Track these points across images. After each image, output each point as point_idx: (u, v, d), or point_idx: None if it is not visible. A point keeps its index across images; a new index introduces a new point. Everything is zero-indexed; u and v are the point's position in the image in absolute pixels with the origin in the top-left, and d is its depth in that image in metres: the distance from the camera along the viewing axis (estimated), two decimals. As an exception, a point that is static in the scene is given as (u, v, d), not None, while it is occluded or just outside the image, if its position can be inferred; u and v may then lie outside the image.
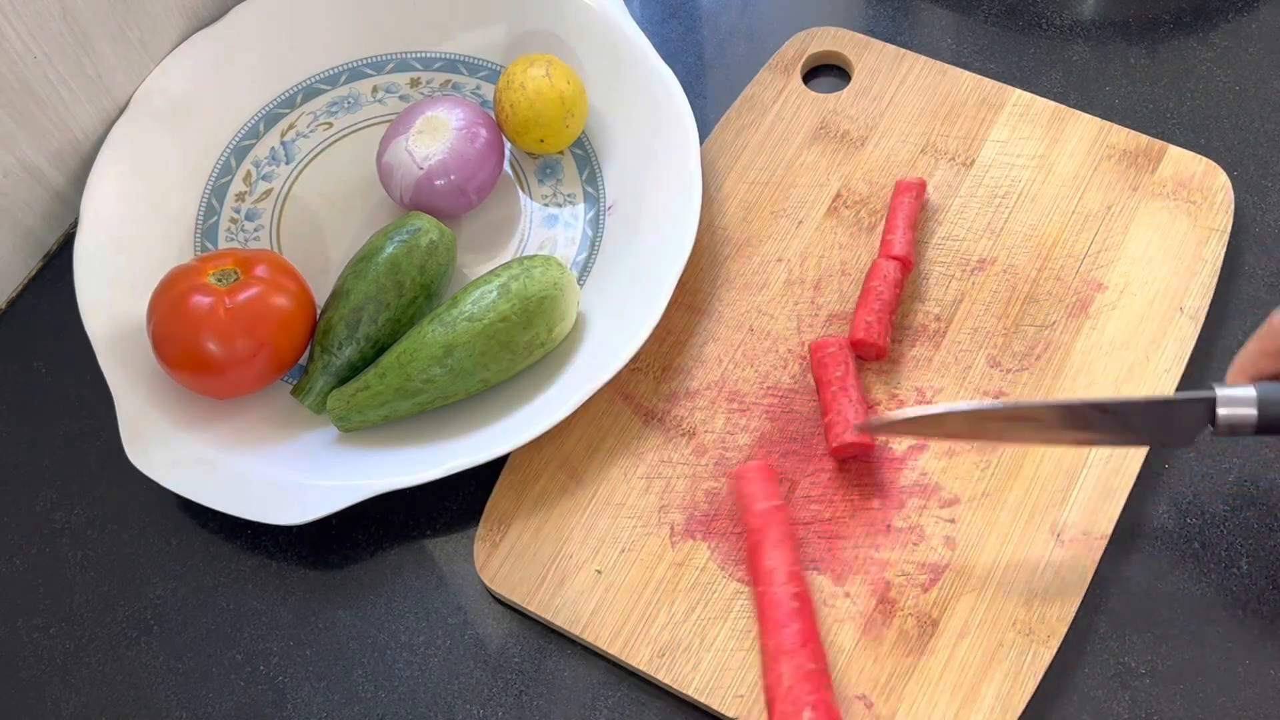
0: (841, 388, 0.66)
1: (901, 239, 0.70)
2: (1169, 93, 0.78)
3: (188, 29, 0.79)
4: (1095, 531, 0.63)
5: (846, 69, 0.79)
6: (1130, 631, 0.62)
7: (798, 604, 0.60)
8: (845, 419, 0.65)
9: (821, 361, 0.67)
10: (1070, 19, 0.82)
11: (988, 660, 0.60)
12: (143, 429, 0.68)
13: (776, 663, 0.59)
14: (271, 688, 0.64)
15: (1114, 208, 0.72)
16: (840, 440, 0.65)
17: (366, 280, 0.69)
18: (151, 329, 0.67)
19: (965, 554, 0.63)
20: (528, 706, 0.62)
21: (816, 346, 0.68)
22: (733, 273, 0.73)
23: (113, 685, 0.65)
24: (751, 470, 0.64)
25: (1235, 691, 0.60)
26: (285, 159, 0.79)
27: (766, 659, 0.60)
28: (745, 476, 0.64)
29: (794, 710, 0.58)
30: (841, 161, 0.75)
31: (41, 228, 0.78)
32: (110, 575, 0.68)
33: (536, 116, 0.74)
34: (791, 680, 0.58)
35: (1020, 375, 0.68)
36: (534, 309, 0.67)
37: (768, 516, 0.62)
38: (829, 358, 0.67)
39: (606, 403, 0.69)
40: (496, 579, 0.65)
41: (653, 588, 0.64)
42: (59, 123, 0.75)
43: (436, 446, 0.67)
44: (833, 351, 0.67)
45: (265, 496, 0.66)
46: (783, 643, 0.59)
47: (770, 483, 0.63)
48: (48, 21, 0.71)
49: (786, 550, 0.61)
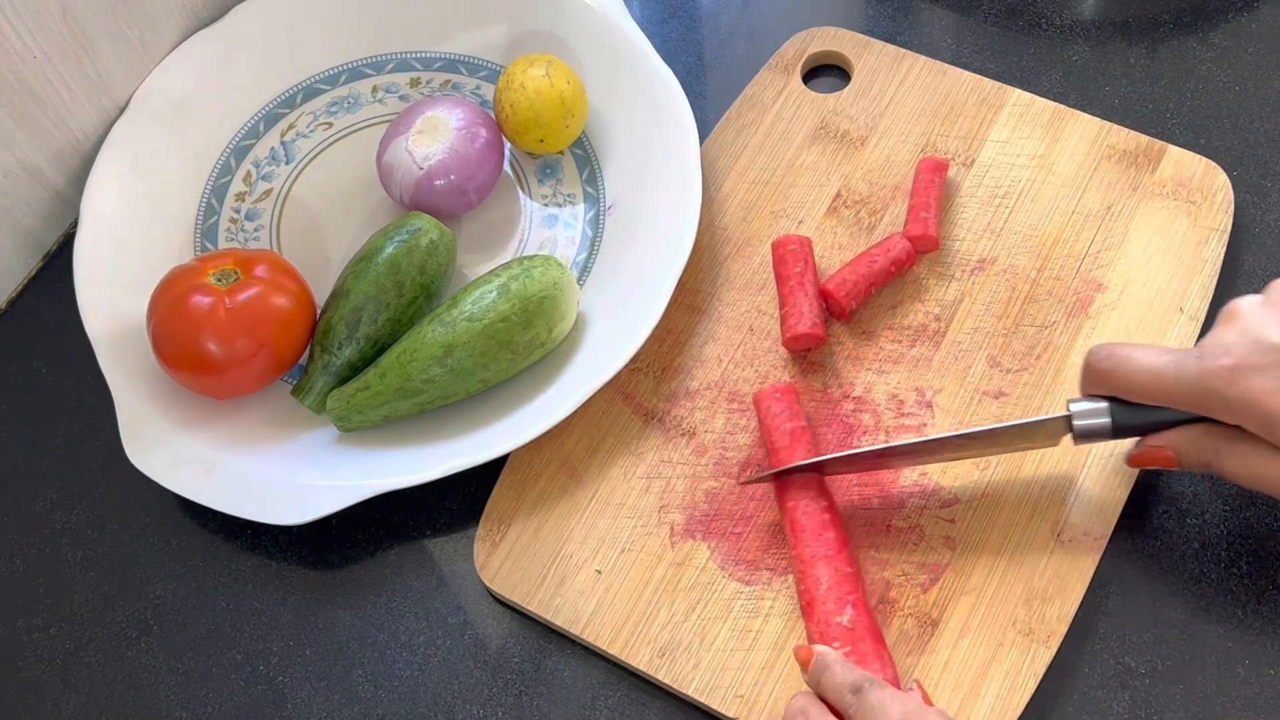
0: (799, 283, 0.69)
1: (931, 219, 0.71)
2: (1169, 93, 0.78)
3: (188, 29, 0.79)
4: (1095, 531, 0.63)
5: (846, 69, 0.79)
6: (1130, 631, 0.62)
7: (829, 515, 0.62)
8: (800, 312, 0.68)
9: (782, 258, 0.71)
10: (1070, 19, 0.82)
11: (988, 660, 0.60)
12: (143, 429, 0.68)
13: (813, 568, 0.61)
14: (271, 688, 0.64)
15: (1114, 208, 0.72)
16: (795, 332, 0.68)
17: (366, 280, 0.69)
18: (151, 329, 0.67)
19: (965, 554, 0.63)
20: (528, 706, 0.62)
21: (778, 244, 0.71)
22: (733, 273, 0.73)
23: (113, 685, 0.65)
24: (775, 391, 0.66)
25: (1235, 691, 0.60)
26: (285, 159, 0.79)
27: (801, 566, 0.61)
28: (769, 396, 0.66)
29: (836, 608, 0.59)
30: (841, 161, 0.75)
31: (41, 228, 0.78)
32: (110, 575, 0.68)
33: (536, 116, 0.74)
34: (830, 582, 0.60)
35: (1020, 375, 0.68)
36: (534, 309, 0.67)
37: (794, 436, 0.64)
38: (790, 254, 0.70)
39: (606, 403, 0.69)
40: (496, 579, 0.65)
41: (653, 588, 0.64)
42: (59, 123, 0.75)
43: (436, 446, 0.67)
44: (794, 249, 0.71)
45: (265, 496, 0.66)
46: (819, 549, 0.61)
47: (795, 403, 0.65)
48: (48, 21, 0.71)
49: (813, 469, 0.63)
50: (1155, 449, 0.59)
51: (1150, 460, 0.59)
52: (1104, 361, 0.59)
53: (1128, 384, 0.58)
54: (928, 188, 0.72)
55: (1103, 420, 0.59)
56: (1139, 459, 0.60)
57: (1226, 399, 0.55)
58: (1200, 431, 0.57)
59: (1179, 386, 0.56)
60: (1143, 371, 0.57)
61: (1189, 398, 0.56)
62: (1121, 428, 0.59)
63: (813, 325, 0.68)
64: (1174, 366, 0.56)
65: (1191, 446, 0.58)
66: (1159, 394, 0.57)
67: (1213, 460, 0.57)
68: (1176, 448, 0.58)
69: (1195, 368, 0.56)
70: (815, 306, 0.69)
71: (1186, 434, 0.58)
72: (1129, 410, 0.59)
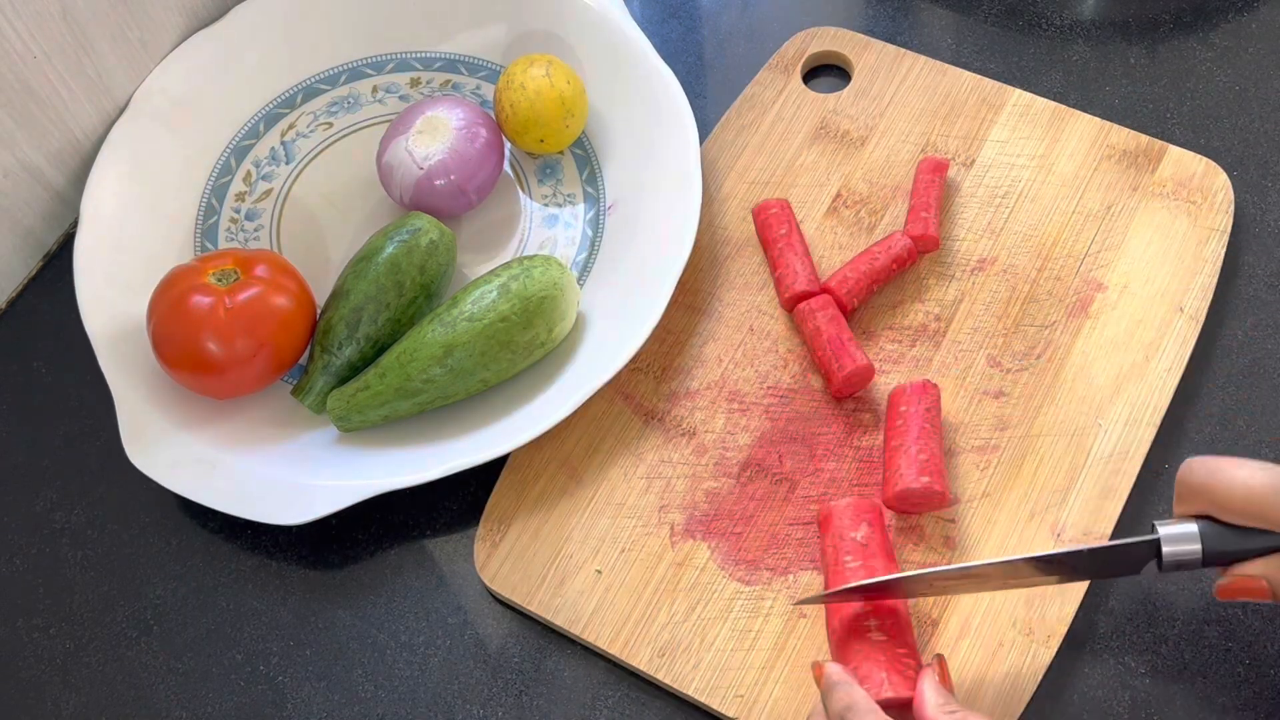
0: (787, 244, 0.70)
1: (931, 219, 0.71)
2: (1169, 93, 0.78)
3: (188, 29, 0.79)
4: (1095, 531, 0.63)
5: (846, 69, 0.79)
6: (1130, 631, 0.62)
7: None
8: (794, 271, 0.69)
9: (765, 223, 0.71)
10: (1070, 19, 0.82)
11: (988, 660, 0.60)
12: (143, 429, 0.68)
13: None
14: (271, 688, 0.64)
15: (1114, 208, 0.72)
16: (792, 291, 0.69)
17: (366, 280, 0.69)
18: (151, 329, 0.67)
19: (965, 554, 0.63)
20: (528, 706, 0.62)
21: (759, 210, 0.72)
22: (733, 273, 0.73)
23: (113, 685, 0.65)
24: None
25: (1235, 691, 0.60)
26: (285, 159, 0.79)
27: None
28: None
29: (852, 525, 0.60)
30: (841, 161, 0.75)
31: (41, 228, 0.78)
32: (110, 575, 0.68)
33: (536, 116, 0.74)
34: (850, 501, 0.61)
35: (1020, 375, 0.68)
36: (534, 309, 0.67)
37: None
38: (772, 218, 0.71)
39: (606, 403, 0.69)
40: (496, 579, 0.65)
41: (653, 588, 0.64)
42: (59, 123, 0.75)
43: (436, 446, 0.67)
44: (775, 212, 0.71)
45: (265, 496, 0.66)
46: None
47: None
48: (48, 21, 0.71)
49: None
50: (1246, 578, 0.54)
51: (1240, 591, 0.54)
52: (1197, 475, 0.54)
53: (1223, 500, 0.53)
54: (928, 187, 0.72)
55: (1193, 546, 0.54)
56: (1229, 590, 0.55)
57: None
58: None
59: (1277, 505, 0.52)
60: (1239, 487, 0.53)
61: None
62: (1213, 555, 0.54)
63: (809, 282, 0.69)
64: (1273, 483, 0.52)
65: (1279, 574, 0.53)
66: (1257, 513, 0.53)
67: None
68: (1270, 577, 0.53)
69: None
70: (808, 265, 0.69)
71: (1276, 560, 0.53)
72: (1221, 535, 0.54)
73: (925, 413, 0.64)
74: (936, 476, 0.62)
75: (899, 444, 0.63)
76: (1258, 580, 0.54)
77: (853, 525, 0.61)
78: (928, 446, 0.63)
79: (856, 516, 0.61)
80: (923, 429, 0.63)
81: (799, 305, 0.69)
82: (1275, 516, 0.52)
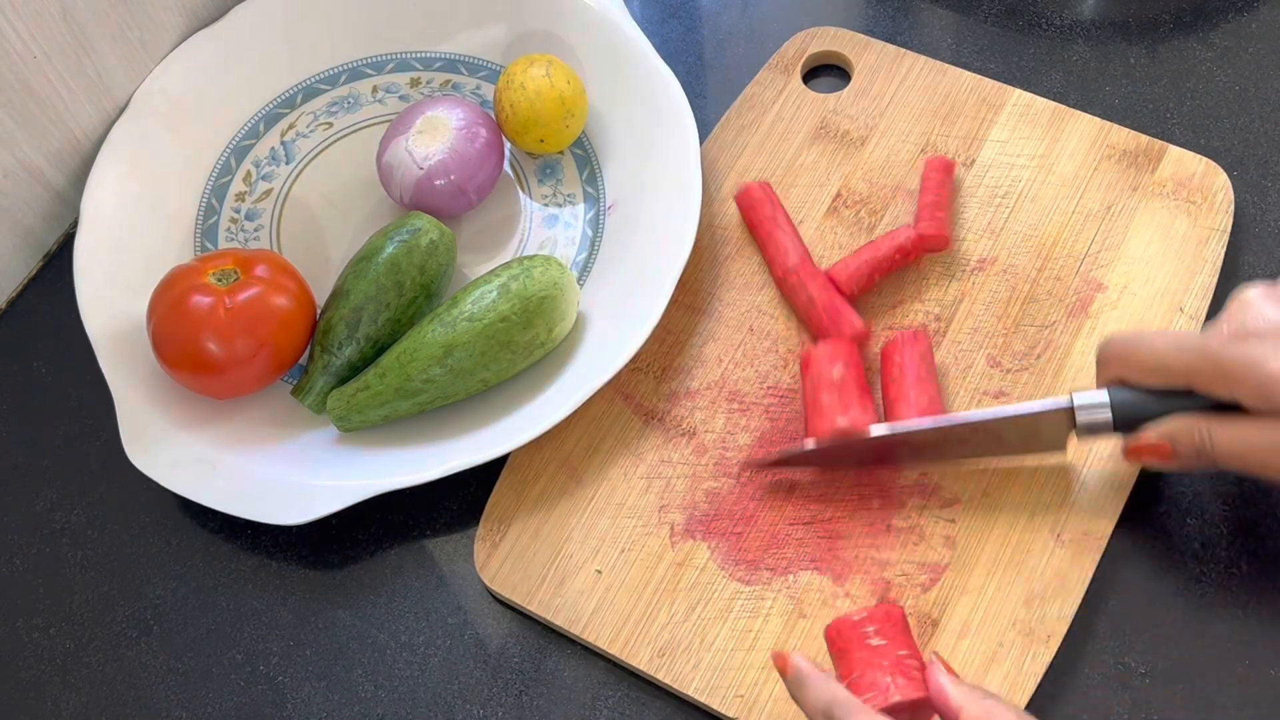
0: (774, 224, 0.71)
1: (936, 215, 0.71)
2: (1169, 93, 0.78)
3: (188, 29, 0.79)
4: (1095, 531, 0.63)
5: (846, 69, 0.79)
6: (1130, 631, 0.62)
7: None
8: (785, 249, 0.70)
9: (750, 206, 0.72)
10: (1070, 19, 0.82)
11: (988, 660, 0.60)
12: (143, 429, 0.68)
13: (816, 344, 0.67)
14: (271, 688, 0.64)
15: (1114, 208, 0.72)
16: (786, 265, 0.69)
17: (366, 280, 0.69)
18: (151, 329, 0.67)
19: (965, 554, 0.63)
20: (528, 706, 0.62)
21: (741, 196, 0.73)
22: (733, 273, 0.73)
23: (113, 685, 0.65)
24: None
25: (1235, 691, 0.60)
26: (285, 159, 0.79)
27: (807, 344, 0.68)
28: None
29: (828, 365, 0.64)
30: (841, 161, 0.75)
31: (41, 228, 0.78)
32: (110, 575, 0.68)
33: (536, 116, 0.74)
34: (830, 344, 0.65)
35: (1020, 375, 0.68)
36: (534, 309, 0.67)
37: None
38: (756, 202, 0.72)
39: (606, 403, 0.69)
40: (496, 579, 0.65)
41: (653, 588, 0.64)
42: (59, 123, 0.75)
43: (436, 446, 0.67)
44: (758, 195, 0.72)
45: (265, 496, 0.66)
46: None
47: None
48: (48, 21, 0.71)
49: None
50: (1150, 441, 0.58)
51: (1145, 451, 0.59)
52: (1113, 344, 0.59)
53: (1133, 359, 0.58)
54: (940, 187, 0.71)
55: (1103, 412, 0.59)
56: (1135, 450, 0.59)
57: (1224, 364, 0.54)
58: (1196, 415, 0.57)
59: (1180, 357, 0.56)
60: (1146, 346, 0.57)
61: (1188, 368, 0.56)
62: (1124, 420, 0.59)
63: (800, 259, 0.69)
64: (1175, 339, 0.57)
65: (1186, 432, 0.57)
66: (1160, 366, 0.57)
67: (1207, 442, 0.56)
68: (1171, 435, 0.57)
69: (1195, 338, 0.56)
70: (798, 241, 0.70)
71: (1181, 419, 0.57)
72: (1131, 401, 0.58)
73: (920, 360, 0.66)
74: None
75: (898, 394, 0.65)
76: (1161, 442, 0.57)
77: (830, 365, 0.64)
78: (927, 391, 0.65)
79: (833, 357, 0.65)
80: (919, 376, 0.65)
81: (790, 277, 0.69)
82: (1177, 365, 0.56)
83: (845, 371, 0.65)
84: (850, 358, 0.65)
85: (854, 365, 0.65)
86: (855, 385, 0.65)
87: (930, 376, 0.65)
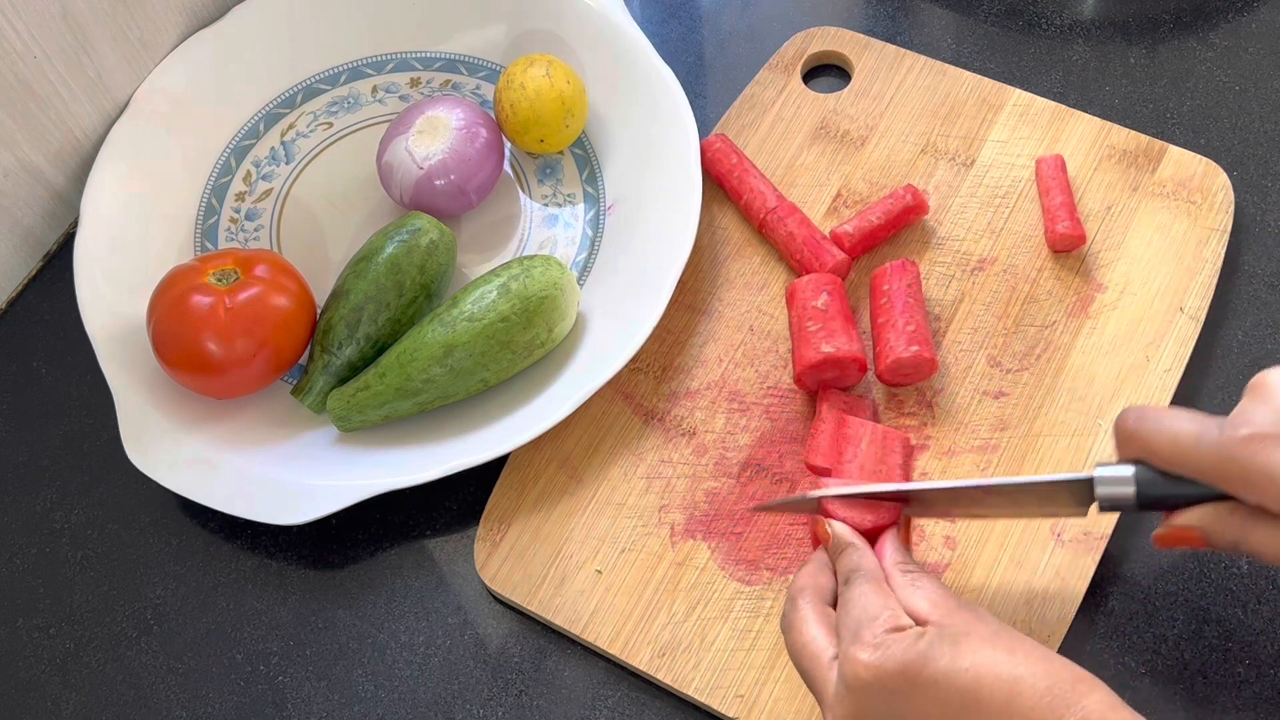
0: (742, 174, 0.73)
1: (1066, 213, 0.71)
2: (1169, 93, 0.78)
3: (188, 29, 0.79)
4: (1095, 531, 0.63)
5: (846, 69, 0.79)
6: (1130, 631, 0.62)
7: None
8: (760, 191, 0.72)
9: (713, 159, 0.74)
10: (1070, 19, 0.82)
11: (988, 660, 0.60)
12: (143, 429, 0.68)
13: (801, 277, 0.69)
14: (271, 688, 0.64)
15: (1114, 208, 0.72)
16: (766, 210, 0.71)
17: (366, 280, 0.69)
18: (151, 329, 0.67)
19: (965, 554, 0.63)
20: (528, 706, 0.62)
21: (705, 147, 0.74)
22: (733, 273, 0.73)
23: (113, 685, 0.65)
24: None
25: (1235, 691, 0.60)
26: (285, 159, 0.79)
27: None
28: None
29: (813, 295, 0.66)
30: (841, 161, 0.75)
31: (41, 228, 0.78)
32: (110, 575, 0.68)
33: (536, 116, 0.74)
34: (812, 276, 0.68)
35: (1020, 375, 0.68)
36: (534, 309, 0.67)
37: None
38: (719, 154, 0.74)
39: (606, 403, 0.69)
40: (496, 579, 0.65)
41: (653, 588, 0.64)
42: (59, 123, 0.75)
43: (436, 446, 0.67)
44: (719, 147, 0.74)
45: (265, 496, 0.66)
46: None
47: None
48: (48, 21, 0.71)
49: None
50: (1181, 528, 0.54)
51: (1176, 540, 0.55)
52: (1129, 422, 0.55)
53: (1150, 448, 0.54)
54: (1064, 186, 0.71)
55: (1126, 489, 0.54)
56: (1166, 539, 0.55)
57: (1246, 471, 0.51)
58: (1228, 509, 0.53)
59: (1200, 453, 0.52)
60: (1165, 434, 0.53)
61: (1210, 467, 0.52)
62: (1148, 499, 0.55)
63: (777, 199, 0.71)
64: (1197, 432, 0.52)
65: (1218, 525, 0.53)
66: (1180, 461, 0.53)
67: (1240, 540, 0.53)
68: (1203, 526, 0.53)
69: (1216, 435, 0.52)
70: (770, 185, 0.72)
71: (1212, 511, 0.53)
72: (1156, 481, 0.54)
73: (907, 289, 0.68)
74: (924, 345, 0.66)
75: (886, 319, 0.67)
76: (1192, 529, 0.54)
77: (814, 295, 0.67)
78: (914, 318, 0.67)
79: (818, 287, 0.67)
80: (906, 303, 0.67)
81: (769, 217, 0.71)
82: (1198, 462, 0.53)
83: (830, 301, 0.67)
84: (834, 288, 0.67)
85: (837, 295, 0.67)
86: (839, 315, 0.66)
87: (918, 305, 0.67)
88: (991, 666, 0.49)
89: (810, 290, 0.67)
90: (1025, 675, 0.49)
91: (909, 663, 0.50)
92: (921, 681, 0.50)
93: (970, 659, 0.50)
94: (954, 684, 0.49)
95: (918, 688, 0.50)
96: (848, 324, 0.66)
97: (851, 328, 0.66)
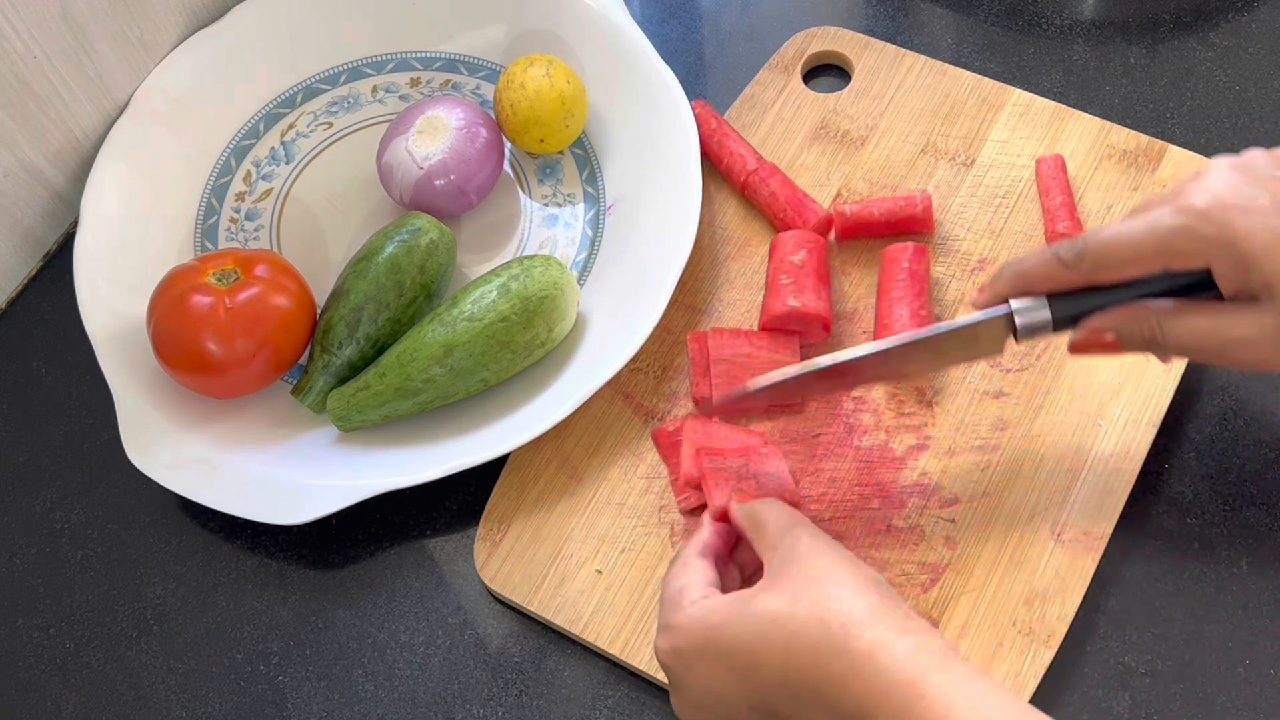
0: (723, 135, 0.75)
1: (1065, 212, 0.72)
2: (1169, 93, 0.78)
3: (188, 29, 0.79)
4: (1095, 531, 0.63)
5: (846, 69, 0.79)
6: (1130, 631, 0.62)
7: None
8: (740, 154, 0.74)
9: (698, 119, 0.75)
10: (1070, 19, 0.82)
11: (988, 660, 0.60)
12: (143, 429, 0.68)
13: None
14: (271, 688, 0.64)
15: (1114, 207, 0.72)
16: (746, 171, 0.73)
17: (366, 280, 0.69)
18: (151, 329, 0.67)
19: (965, 554, 0.63)
20: (528, 706, 0.63)
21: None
22: (733, 273, 0.73)
23: (113, 685, 0.65)
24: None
25: (1235, 691, 0.60)
26: (285, 159, 0.79)
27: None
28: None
29: (793, 250, 0.69)
30: (841, 161, 0.75)
31: (41, 228, 0.78)
32: (110, 575, 0.68)
33: (536, 116, 0.74)
34: (795, 233, 0.70)
35: (1020, 375, 0.68)
36: (534, 309, 0.67)
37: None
38: (700, 120, 0.75)
39: (606, 403, 0.69)
40: (496, 579, 0.65)
41: (653, 588, 0.64)
42: (59, 123, 0.75)
43: (436, 446, 0.67)
44: (700, 114, 0.76)
45: (265, 496, 0.66)
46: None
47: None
48: (48, 21, 0.71)
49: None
50: (1096, 332, 0.56)
51: (1092, 345, 0.57)
52: (1068, 251, 0.56)
53: (1101, 257, 0.55)
54: (1064, 186, 0.72)
55: (1042, 313, 0.56)
56: (1080, 345, 0.57)
57: (1203, 235, 0.52)
58: (1141, 307, 0.55)
59: (1154, 236, 0.53)
60: (1114, 238, 0.54)
61: (1163, 244, 0.53)
62: (1062, 319, 0.56)
63: (758, 161, 0.73)
64: (1147, 220, 0.54)
65: (1132, 323, 0.55)
66: (1133, 253, 0.54)
67: (1155, 333, 0.55)
68: (1117, 327, 0.55)
69: (1170, 213, 0.53)
70: (750, 147, 0.74)
71: (1127, 309, 0.55)
72: (1067, 302, 0.56)
73: (911, 273, 0.69)
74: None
75: (892, 301, 0.68)
76: (1105, 334, 0.56)
77: (794, 250, 0.68)
78: (919, 297, 0.68)
79: (799, 244, 0.69)
80: (910, 288, 0.68)
81: (751, 179, 0.72)
82: (1151, 245, 0.54)
83: (807, 258, 0.68)
84: (814, 246, 0.69)
85: (817, 253, 0.69)
86: (814, 273, 0.68)
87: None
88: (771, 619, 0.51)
89: (791, 245, 0.69)
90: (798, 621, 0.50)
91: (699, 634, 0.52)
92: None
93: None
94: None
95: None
96: (820, 283, 0.68)
97: (824, 289, 0.68)
